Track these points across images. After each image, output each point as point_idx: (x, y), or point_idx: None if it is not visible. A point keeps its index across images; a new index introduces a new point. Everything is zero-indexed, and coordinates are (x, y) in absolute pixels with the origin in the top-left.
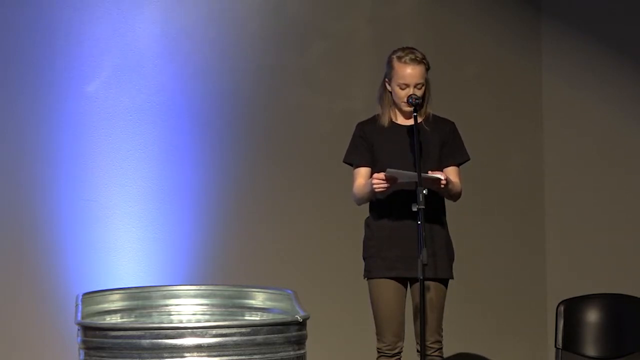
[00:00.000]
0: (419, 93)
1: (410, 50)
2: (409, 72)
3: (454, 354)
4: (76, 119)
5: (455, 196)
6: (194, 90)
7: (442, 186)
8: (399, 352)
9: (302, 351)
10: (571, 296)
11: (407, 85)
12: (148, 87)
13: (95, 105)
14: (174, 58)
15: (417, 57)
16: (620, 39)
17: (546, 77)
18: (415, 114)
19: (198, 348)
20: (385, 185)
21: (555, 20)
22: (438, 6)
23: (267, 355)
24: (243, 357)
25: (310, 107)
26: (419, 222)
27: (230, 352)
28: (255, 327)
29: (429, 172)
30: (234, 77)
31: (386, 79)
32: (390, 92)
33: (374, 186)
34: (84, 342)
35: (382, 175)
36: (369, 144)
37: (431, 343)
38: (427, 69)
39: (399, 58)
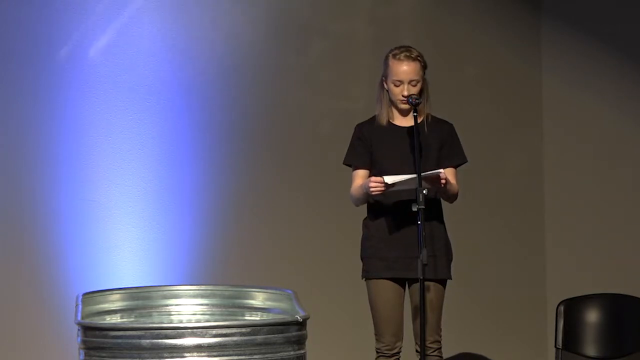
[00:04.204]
0: (413, 90)
1: (406, 48)
2: (402, 69)
3: (456, 354)
4: (76, 119)
5: (452, 197)
6: (194, 91)
7: (442, 184)
8: (398, 352)
9: (302, 351)
10: (571, 296)
11: (401, 82)
12: (148, 87)
13: (95, 105)
14: (174, 58)
15: (412, 54)
16: (620, 40)
17: (546, 77)
18: (415, 114)
19: (198, 348)
20: (381, 189)
21: (555, 20)
22: (438, 6)
23: (267, 355)
24: (243, 357)
25: (310, 107)
26: (419, 222)
27: (230, 352)
28: (255, 327)
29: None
30: (234, 77)
31: (383, 78)
32: (387, 91)
33: (371, 189)
34: (84, 342)
35: (379, 179)
36: (367, 145)
37: (430, 343)
38: (424, 67)
39: (394, 55)
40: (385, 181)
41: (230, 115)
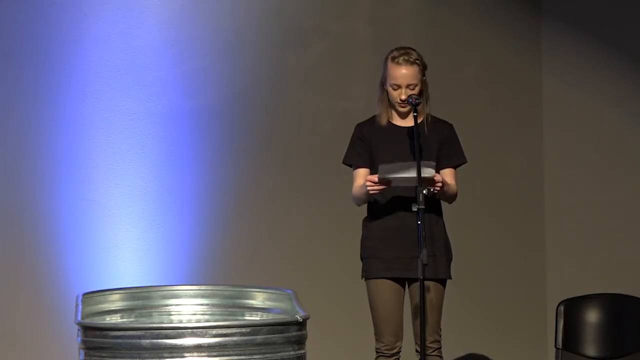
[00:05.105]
0: (411, 93)
1: (405, 50)
2: (401, 73)
3: (456, 355)
4: (76, 119)
5: (451, 198)
6: (194, 91)
7: (438, 189)
8: (398, 352)
9: (302, 351)
10: (571, 296)
11: (399, 86)
12: (148, 88)
13: (95, 105)
14: (174, 58)
15: (411, 57)
16: (620, 40)
17: (546, 77)
18: (415, 114)
19: (198, 348)
20: (379, 187)
21: (555, 20)
22: (438, 6)
23: (267, 355)
24: (243, 357)
25: (310, 107)
26: (419, 222)
27: (230, 352)
28: (255, 327)
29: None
30: (234, 77)
31: (382, 79)
32: (387, 92)
33: (367, 188)
34: (84, 342)
35: (375, 178)
36: (367, 145)
37: (430, 343)
38: (423, 69)
39: (393, 58)
40: (379, 171)
41: (230, 115)
